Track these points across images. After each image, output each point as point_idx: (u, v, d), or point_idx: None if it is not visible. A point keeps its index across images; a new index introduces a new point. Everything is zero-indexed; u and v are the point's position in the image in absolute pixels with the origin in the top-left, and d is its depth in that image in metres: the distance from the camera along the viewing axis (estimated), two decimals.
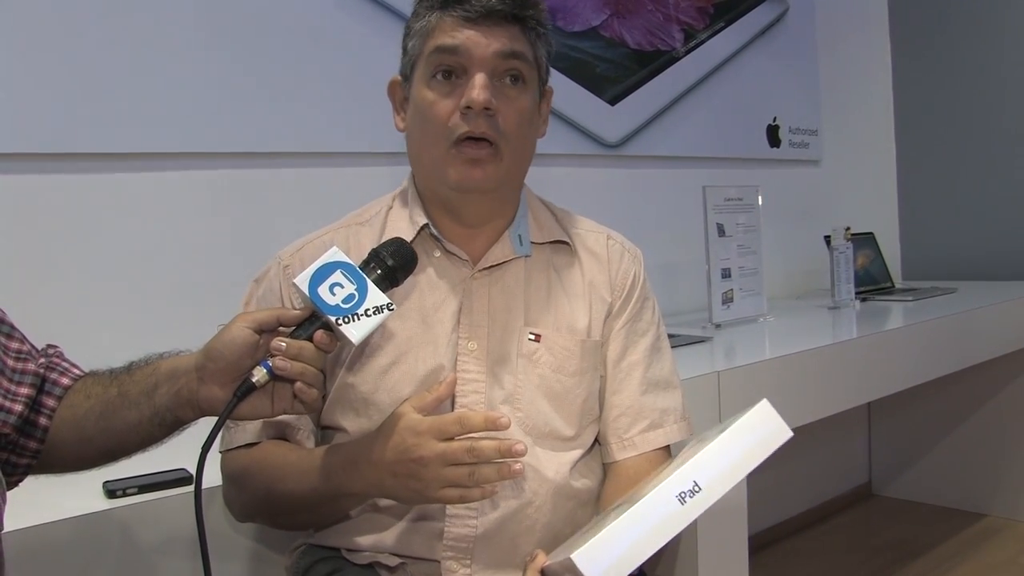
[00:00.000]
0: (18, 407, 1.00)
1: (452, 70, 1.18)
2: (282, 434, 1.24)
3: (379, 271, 1.03)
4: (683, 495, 0.97)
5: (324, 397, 1.23)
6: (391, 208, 1.32)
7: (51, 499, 1.26)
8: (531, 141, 1.27)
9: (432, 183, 1.26)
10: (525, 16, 1.20)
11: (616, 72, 2.89)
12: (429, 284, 1.25)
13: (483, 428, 1.04)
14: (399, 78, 1.28)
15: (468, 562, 1.19)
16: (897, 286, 3.62)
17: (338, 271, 0.99)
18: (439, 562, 1.19)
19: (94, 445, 1.05)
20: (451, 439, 1.04)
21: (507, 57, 1.18)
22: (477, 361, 1.23)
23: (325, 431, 1.28)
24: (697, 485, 0.98)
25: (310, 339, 0.98)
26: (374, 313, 0.98)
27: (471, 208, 1.26)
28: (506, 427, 1.04)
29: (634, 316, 1.34)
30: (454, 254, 1.26)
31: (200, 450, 0.96)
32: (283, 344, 0.96)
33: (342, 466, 1.12)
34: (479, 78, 1.16)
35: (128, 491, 1.31)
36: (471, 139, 1.18)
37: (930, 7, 3.91)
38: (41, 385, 1.05)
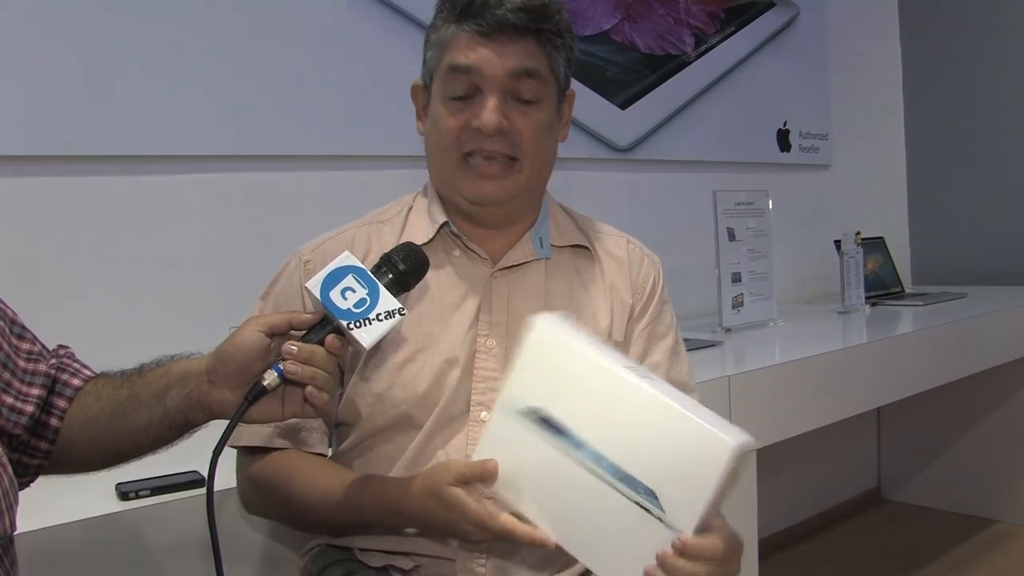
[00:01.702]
0: (29, 408, 1.00)
1: (466, 90, 1.20)
2: (296, 437, 1.23)
3: (390, 275, 1.03)
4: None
5: (340, 395, 1.24)
6: (412, 207, 1.32)
7: (63, 501, 1.26)
8: (551, 152, 1.28)
9: (447, 192, 1.27)
10: (541, 29, 1.20)
11: (627, 76, 2.89)
12: (448, 282, 1.26)
13: (527, 545, 1.06)
14: (420, 83, 1.29)
15: (483, 560, 1.19)
16: (907, 291, 3.61)
17: (350, 275, 0.99)
18: (453, 561, 1.19)
19: (104, 446, 1.05)
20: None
21: (520, 76, 1.19)
22: (496, 359, 1.23)
23: (340, 427, 1.29)
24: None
25: (321, 343, 0.98)
26: (386, 318, 0.98)
27: (487, 216, 1.27)
28: (551, 548, 1.04)
29: (655, 319, 1.35)
30: (474, 252, 1.27)
31: (212, 453, 0.96)
32: (294, 348, 0.96)
33: (377, 510, 1.13)
34: (491, 101, 1.18)
35: (140, 493, 1.31)
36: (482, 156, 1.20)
37: (941, 11, 3.90)
38: (52, 386, 1.05)
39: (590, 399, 1.01)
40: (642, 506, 0.96)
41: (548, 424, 1.01)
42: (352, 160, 2.23)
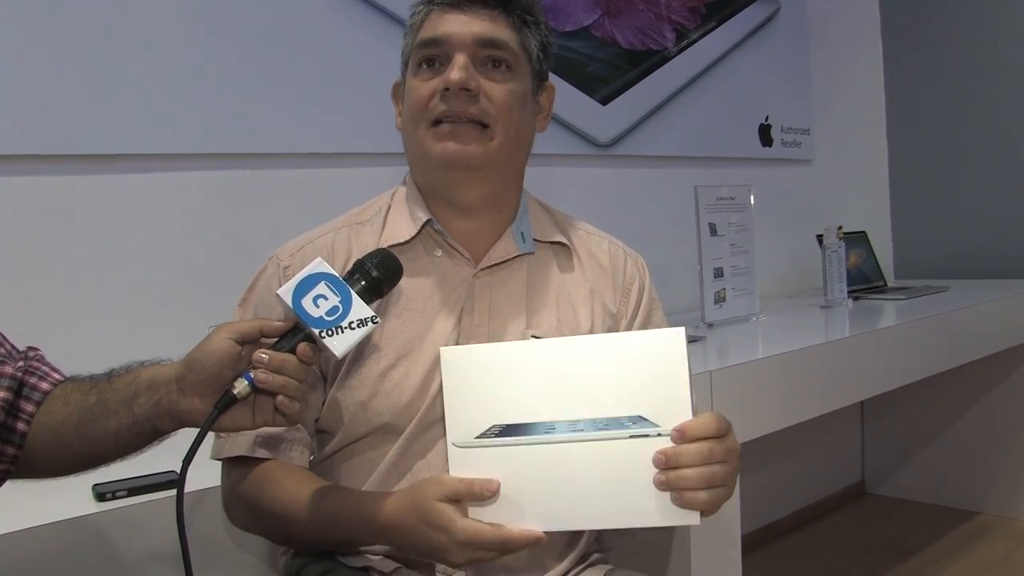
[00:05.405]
0: None
1: (436, 58, 1.20)
2: (278, 449, 1.20)
3: (363, 282, 1.01)
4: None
5: (323, 402, 1.22)
6: (390, 207, 1.30)
7: (40, 503, 1.25)
8: (525, 127, 1.26)
9: (421, 168, 1.26)
10: (509, 1, 1.21)
11: (608, 72, 2.88)
12: (430, 283, 1.24)
13: (523, 548, 1.03)
14: (400, 80, 1.29)
15: None
16: (889, 285, 3.62)
17: (322, 283, 0.97)
18: (433, 564, 1.18)
19: (72, 452, 1.03)
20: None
21: (487, 44, 1.20)
22: None
23: (321, 435, 1.27)
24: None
25: (293, 351, 0.96)
26: (358, 326, 0.97)
27: (463, 192, 1.24)
28: (545, 543, 1.03)
29: (646, 318, 1.35)
30: (456, 251, 1.26)
31: (181, 463, 0.94)
32: (265, 356, 0.95)
33: (352, 524, 1.11)
34: (458, 59, 1.18)
35: (117, 494, 1.30)
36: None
37: (921, 5, 3.91)
38: (19, 389, 1.03)
39: (530, 382, 1.01)
40: (638, 435, 0.98)
41: (509, 430, 1.01)
42: (331, 158, 2.22)
